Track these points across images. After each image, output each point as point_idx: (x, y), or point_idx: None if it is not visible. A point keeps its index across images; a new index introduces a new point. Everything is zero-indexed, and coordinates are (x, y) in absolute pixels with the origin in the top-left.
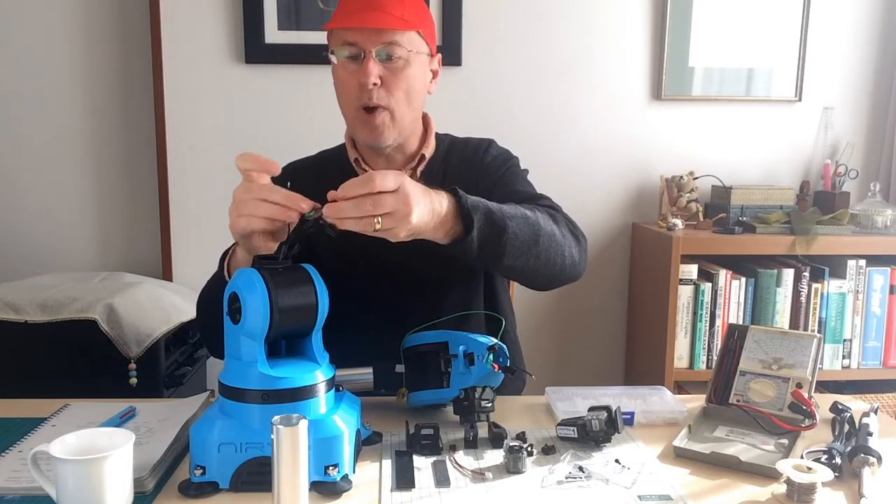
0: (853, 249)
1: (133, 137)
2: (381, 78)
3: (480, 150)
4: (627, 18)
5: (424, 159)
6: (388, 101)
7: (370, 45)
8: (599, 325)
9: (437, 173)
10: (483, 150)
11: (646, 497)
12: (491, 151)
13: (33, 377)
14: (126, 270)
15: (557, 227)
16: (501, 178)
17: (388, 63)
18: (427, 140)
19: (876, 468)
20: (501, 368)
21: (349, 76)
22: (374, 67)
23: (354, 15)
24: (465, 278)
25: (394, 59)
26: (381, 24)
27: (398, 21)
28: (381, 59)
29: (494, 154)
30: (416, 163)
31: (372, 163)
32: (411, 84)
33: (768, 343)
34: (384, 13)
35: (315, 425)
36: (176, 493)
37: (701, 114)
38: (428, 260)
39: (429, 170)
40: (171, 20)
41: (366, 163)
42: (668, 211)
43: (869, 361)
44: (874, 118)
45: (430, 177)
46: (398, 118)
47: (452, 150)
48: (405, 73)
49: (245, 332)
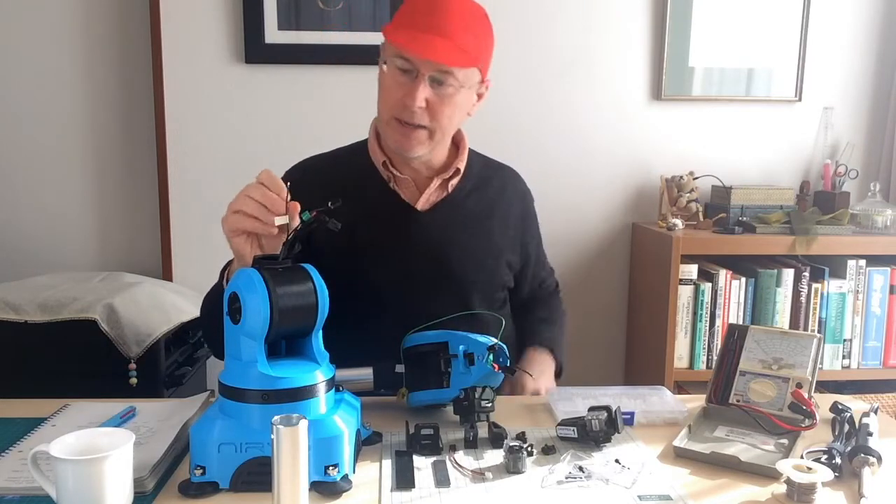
0: (853, 249)
1: (133, 137)
2: (428, 101)
3: (526, 198)
4: (627, 18)
5: (459, 173)
6: (429, 123)
7: (425, 68)
8: (599, 325)
9: (470, 192)
10: (528, 199)
11: (646, 497)
12: (533, 209)
13: (33, 377)
14: (126, 270)
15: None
16: (534, 242)
17: (437, 87)
18: (461, 154)
19: (876, 468)
20: (501, 368)
21: (396, 86)
22: (424, 91)
23: (419, 37)
24: (462, 279)
25: (444, 85)
26: (443, 59)
27: (460, 56)
28: (432, 81)
29: (533, 216)
30: (449, 175)
31: (399, 167)
32: (455, 110)
33: (768, 343)
34: (449, 41)
35: (315, 425)
36: (176, 493)
37: (701, 114)
38: (426, 262)
39: (462, 185)
40: (171, 20)
41: (393, 166)
42: (668, 211)
43: (869, 361)
44: (874, 118)
45: (463, 193)
46: (435, 138)
47: (490, 175)
48: (452, 99)
49: (245, 332)
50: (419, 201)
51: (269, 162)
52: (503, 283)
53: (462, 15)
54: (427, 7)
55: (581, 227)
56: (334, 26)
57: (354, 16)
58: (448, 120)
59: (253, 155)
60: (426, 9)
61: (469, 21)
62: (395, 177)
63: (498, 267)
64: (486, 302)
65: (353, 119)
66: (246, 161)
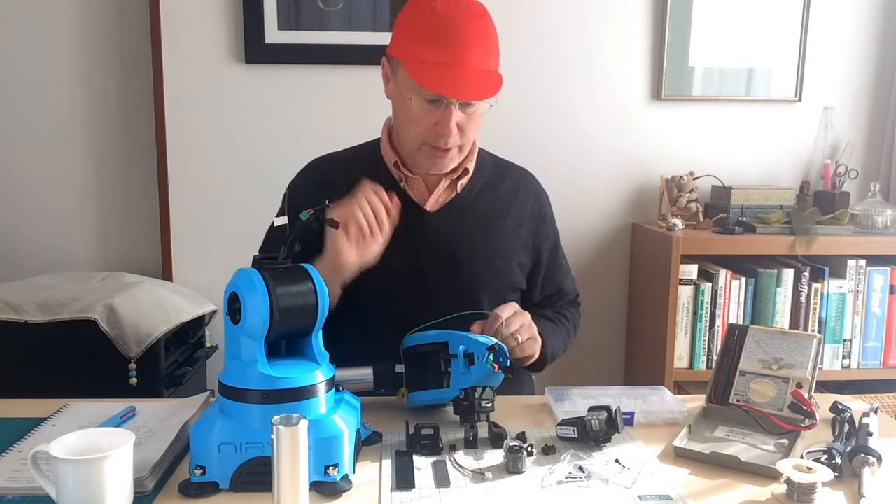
0: (853, 249)
1: (133, 137)
2: (458, 124)
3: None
4: (627, 18)
5: (468, 173)
6: (460, 141)
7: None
8: (599, 325)
9: (480, 191)
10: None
11: (646, 497)
12: (549, 210)
13: (33, 377)
14: (126, 270)
15: (571, 340)
16: (549, 243)
17: (467, 108)
18: (471, 154)
19: (876, 468)
20: (501, 368)
21: (425, 114)
22: (456, 117)
23: (442, 71)
24: (471, 280)
25: (473, 106)
26: (477, 96)
27: (490, 82)
28: (461, 105)
29: (550, 216)
30: (458, 175)
31: (410, 167)
32: (481, 121)
33: (768, 343)
34: (476, 73)
35: (315, 425)
36: (176, 493)
37: (701, 114)
38: (436, 262)
39: (471, 185)
40: (171, 20)
41: (404, 166)
42: (668, 211)
43: (869, 361)
44: (874, 118)
45: (473, 193)
46: (464, 151)
47: (501, 174)
48: (480, 116)
49: (245, 332)
50: (429, 201)
51: (269, 161)
52: (514, 284)
53: (474, 31)
54: (440, 35)
55: (581, 227)
56: (334, 26)
57: (354, 16)
58: (475, 133)
59: (253, 155)
60: (439, 37)
61: (482, 34)
62: (406, 177)
63: (508, 268)
64: (495, 303)
65: (353, 119)
66: (246, 161)
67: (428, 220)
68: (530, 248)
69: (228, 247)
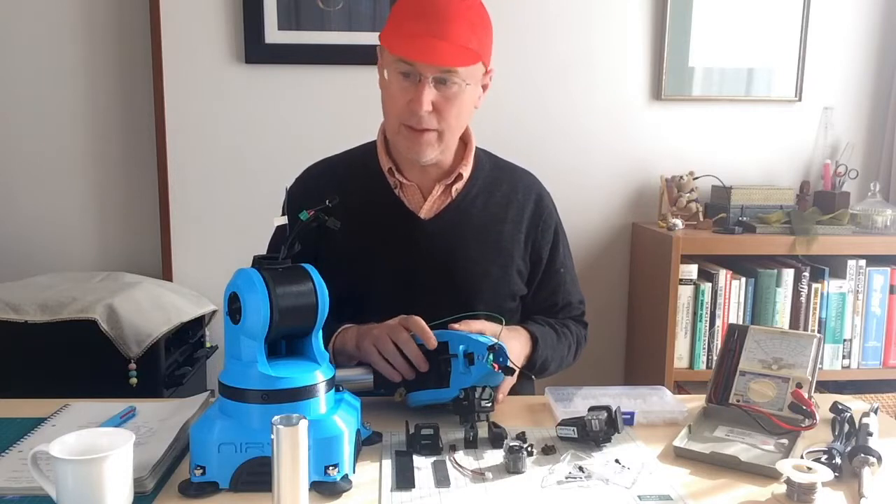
0: (853, 249)
1: (133, 137)
2: (434, 103)
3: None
4: (627, 18)
5: (462, 178)
6: (437, 125)
7: (428, 71)
8: (599, 325)
9: (476, 196)
10: (544, 201)
11: (646, 497)
12: (552, 213)
13: (33, 377)
14: (126, 270)
15: (573, 358)
16: (549, 247)
17: (443, 87)
18: (466, 157)
19: (876, 468)
20: (501, 368)
21: (400, 93)
22: (429, 94)
23: (416, 40)
24: (466, 289)
25: (449, 83)
26: (447, 62)
27: (463, 54)
28: (436, 82)
29: (552, 219)
30: (452, 180)
31: (407, 172)
32: (462, 108)
33: (768, 343)
34: (450, 44)
35: (315, 425)
36: (176, 493)
37: (701, 114)
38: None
39: (467, 190)
40: (171, 20)
41: (399, 172)
42: (668, 211)
43: (869, 361)
44: (874, 118)
45: (469, 198)
46: (445, 139)
47: (498, 176)
48: (458, 98)
49: (245, 332)
50: (423, 209)
51: (269, 161)
52: (512, 291)
53: (458, 10)
54: (421, 9)
55: (581, 227)
56: (334, 26)
57: (354, 16)
58: (456, 119)
59: (253, 155)
60: (420, 11)
61: (466, 14)
62: (400, 184)
63: (505, 275)
64: (492, 312)
65: (353, 119)
66: (246, 161)
67: (422, 228)
68: (529, 250)
69: (228, 247)
